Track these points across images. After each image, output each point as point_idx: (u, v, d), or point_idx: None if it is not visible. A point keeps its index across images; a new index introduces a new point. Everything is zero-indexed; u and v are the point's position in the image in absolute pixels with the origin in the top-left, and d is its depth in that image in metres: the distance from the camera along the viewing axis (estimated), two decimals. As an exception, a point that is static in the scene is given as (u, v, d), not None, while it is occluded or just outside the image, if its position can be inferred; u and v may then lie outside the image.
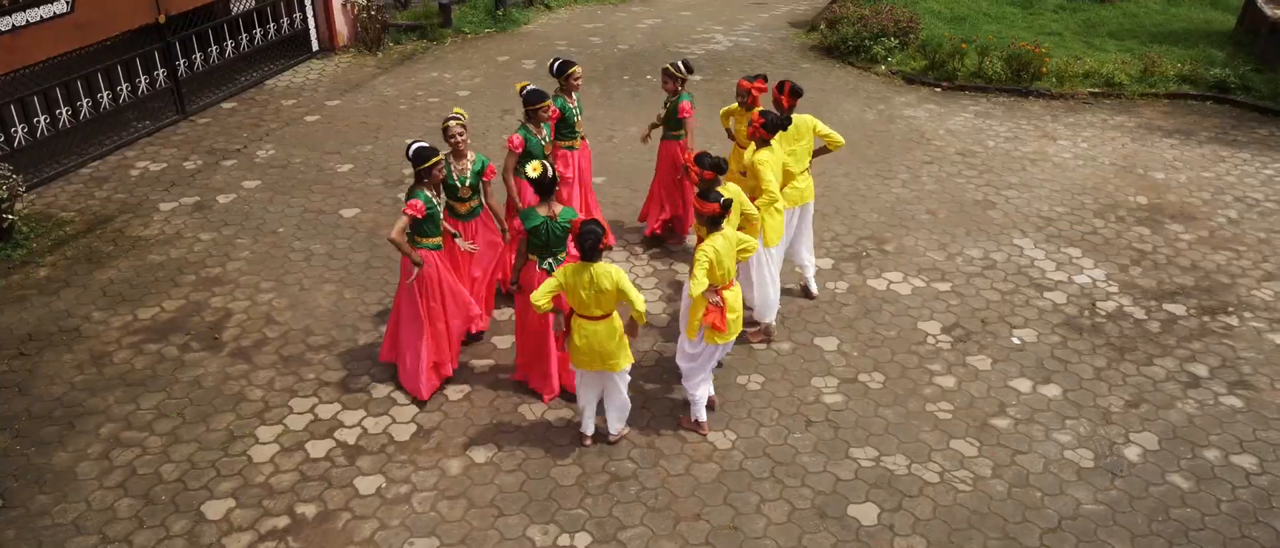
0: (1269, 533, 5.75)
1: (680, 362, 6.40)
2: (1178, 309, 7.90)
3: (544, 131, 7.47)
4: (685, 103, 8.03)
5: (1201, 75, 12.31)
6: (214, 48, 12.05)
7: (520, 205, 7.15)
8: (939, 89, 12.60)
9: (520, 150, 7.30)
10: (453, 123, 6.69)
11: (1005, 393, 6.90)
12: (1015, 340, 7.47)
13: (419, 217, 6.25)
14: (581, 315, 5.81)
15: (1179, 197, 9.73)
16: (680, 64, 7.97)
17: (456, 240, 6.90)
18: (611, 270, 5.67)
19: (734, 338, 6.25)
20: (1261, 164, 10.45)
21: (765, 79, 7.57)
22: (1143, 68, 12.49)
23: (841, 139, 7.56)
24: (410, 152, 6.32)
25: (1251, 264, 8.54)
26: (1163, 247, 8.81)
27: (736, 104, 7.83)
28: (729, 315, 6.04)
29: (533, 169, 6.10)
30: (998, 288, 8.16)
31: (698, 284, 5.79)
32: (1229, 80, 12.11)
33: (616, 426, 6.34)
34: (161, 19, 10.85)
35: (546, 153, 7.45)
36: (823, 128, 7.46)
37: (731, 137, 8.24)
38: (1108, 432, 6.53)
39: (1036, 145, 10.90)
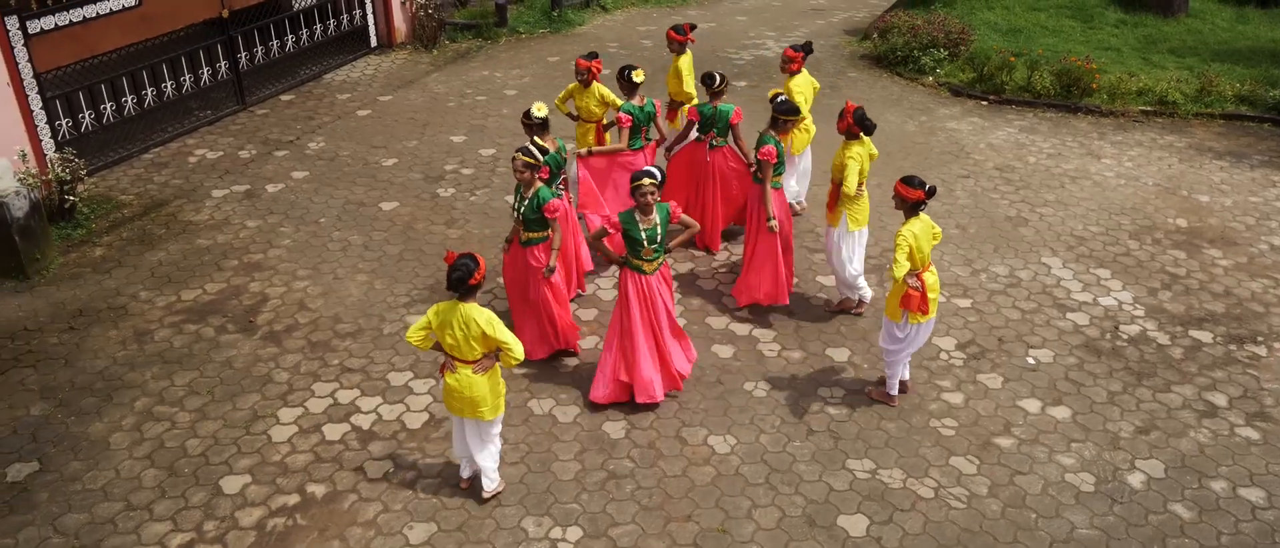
0: (1267, 568, 5.67)
1: (884, 343, 6.73)
2: (1204, 336, 7.75)
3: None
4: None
5: (1261, 96, 11.96)
6: (275, 42, 12.54)
7: (773, 214, 7.50)
8: (985, 102, 12.47)
9: (774, 161, 7.51)
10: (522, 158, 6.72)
11: (1012, 412, 6.88)
12: (1029, 361, 7.43)
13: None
14: (454, 357, 5.58)
15: (1221, 221, 9.51)
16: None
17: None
18: (480, 315, 5.43)
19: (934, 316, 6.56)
20: (1315, 190, 10.14)
21: (598, 57, 8.50)
22: (1200, 87, 12.17)
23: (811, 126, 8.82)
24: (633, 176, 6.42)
25: (1289, 293, 8.33)
26: (1197, 271, 8.64)
27: (576, 83, 8.59)
28: (930, 295, 6.35)
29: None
30: (1019, 306, 8.11)
31: (899, 268, 6.14)
32: (1290, 102, 11.76)
33: (488, 483, 5.97)
34: (225, 14, 11.35)
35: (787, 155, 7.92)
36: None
37: (573, 116, 8.82)
38: (1113, 457, 6.48)
39: (1079, 163, 10.74)
